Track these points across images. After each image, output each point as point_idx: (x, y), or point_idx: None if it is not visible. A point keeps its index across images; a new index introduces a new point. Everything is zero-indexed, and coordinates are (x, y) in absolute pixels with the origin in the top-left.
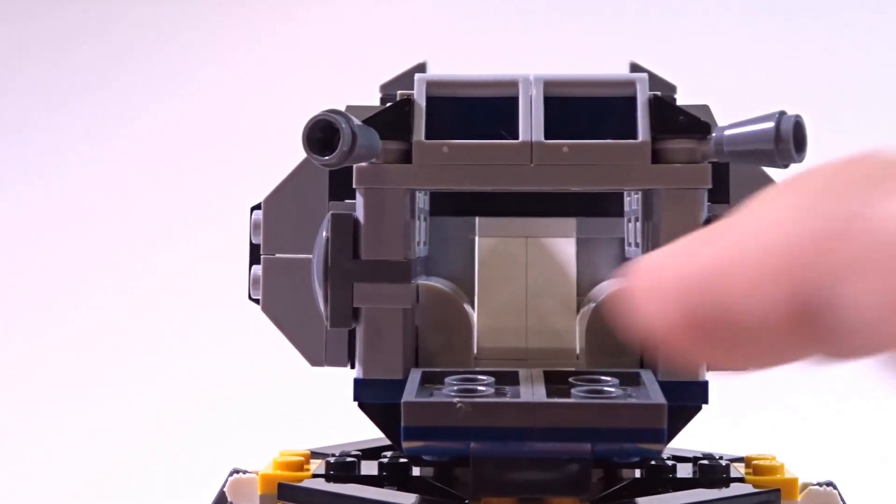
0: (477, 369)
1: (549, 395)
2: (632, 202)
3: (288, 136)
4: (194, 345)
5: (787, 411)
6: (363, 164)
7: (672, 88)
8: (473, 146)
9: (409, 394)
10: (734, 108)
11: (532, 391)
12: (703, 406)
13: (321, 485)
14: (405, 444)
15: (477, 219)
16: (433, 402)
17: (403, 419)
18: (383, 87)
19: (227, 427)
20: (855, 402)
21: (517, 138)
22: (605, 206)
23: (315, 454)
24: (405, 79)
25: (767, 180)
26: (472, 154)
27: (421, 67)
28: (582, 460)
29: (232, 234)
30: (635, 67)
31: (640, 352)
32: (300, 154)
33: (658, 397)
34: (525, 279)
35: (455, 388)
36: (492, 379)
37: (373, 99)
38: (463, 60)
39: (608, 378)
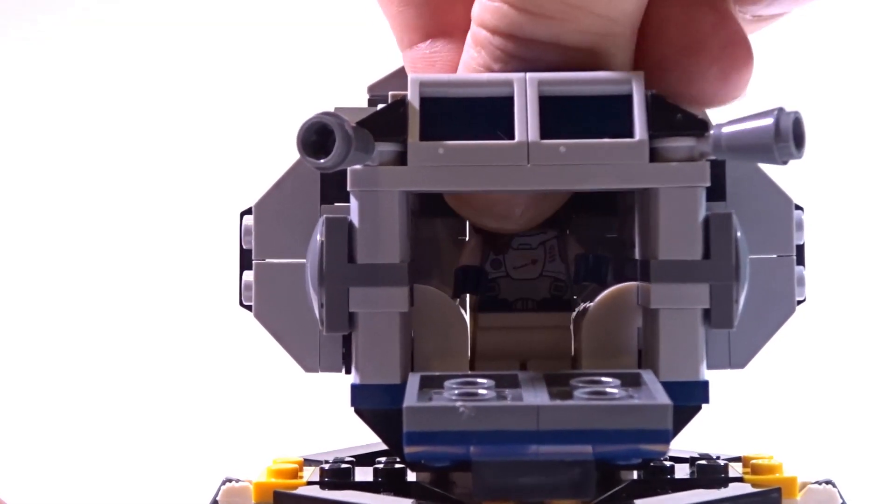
0: (476, 373)
1: (551, 397)
2: (626, 201)
3: (275, 141)
4: (183, 352)
5: (783, 410)
6: (357, 166)
7: None
8: (469, 147)
9: (411, 399)
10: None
11: (534, 394)
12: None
13: (317, 492)
14: (407, 450)
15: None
16: (435, 407)
17: (406, 424)
18: (371, 89)
19: (218, 435)
20: (852, 399)
21: (513, 138)
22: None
23: (308, 461)
24: (393, 80)
25: (763, 178)
26: (468, 155)
27: None
28: (585, 462)
29: (221, 239)
30: None
31: (638, 351)
32: (289, 158)
33: (662, 398)
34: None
35: (456, 391)
36: (492, 382)
37: (360, 101)
38: None
39: (609, 379)
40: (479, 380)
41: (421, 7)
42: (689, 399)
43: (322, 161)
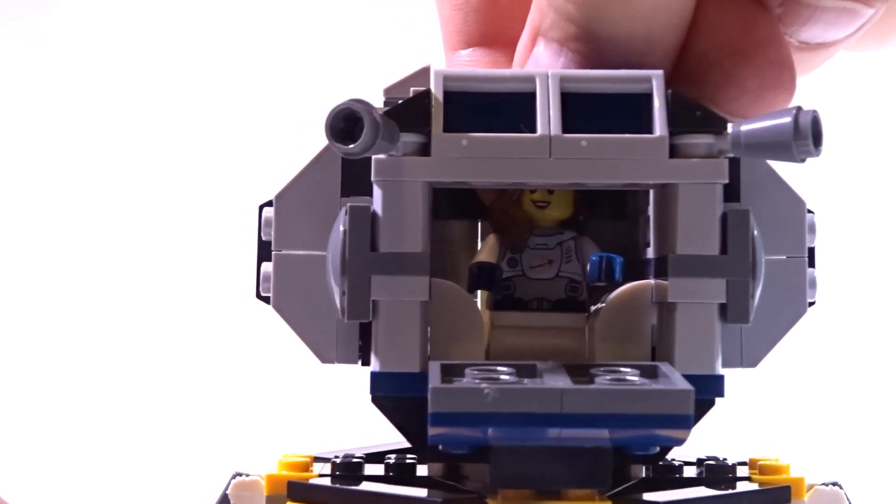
0: (496, 361)
1: (573, 383)
2: (638, 202)
3: (289, 137)
4: (194, 347)
5: (791, 412)
6: (382, 156)
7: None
8: (492, 139)
9: (435, 380)
10: None
11: (556, 379)
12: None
13: (331, 482)
14: (431, 431)
15: (480, 222)
16: (461, 388)
17: (431, 405)
18: (387, 91)
19: (227, 431)
20: (859, 401)
21: (535, 132)
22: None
23: (317, 459)
24: (409, 83)
25: (777, 180)
26: (491, 147)
27: (425, 71)
28: (602, 451)
29: (235, 233)
30: None
31: (652, 349)
32: (308, 153)
33: (683, 384)
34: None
35: (478, 376)
36: (513, 370)
37: (376, 103)
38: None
39: (628, 369)
40: (500, 367)
41: (470, 14)
42: (704, 392)
43: (350, 147)
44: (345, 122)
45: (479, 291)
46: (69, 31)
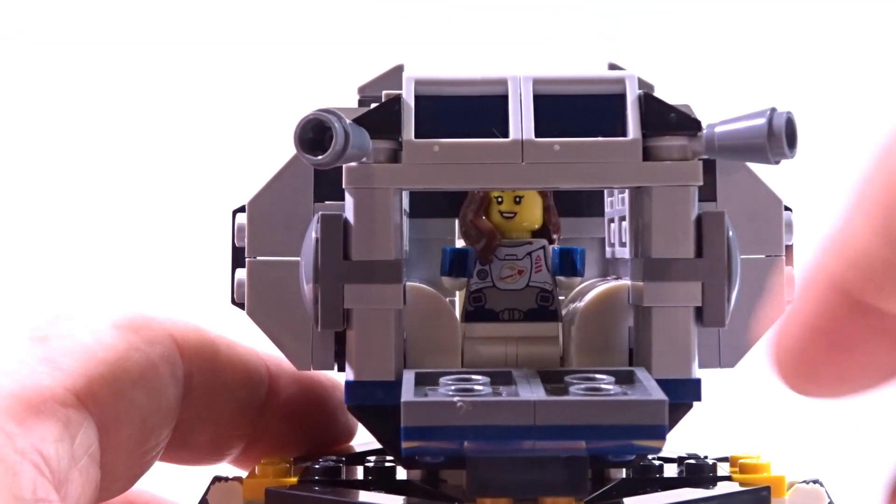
0: (471, 370)
1: (547, 393)
2: (615, 202)
3: (266, 140)
4: None
5: (770, 410)
6: (353, 164)
7: (650, 88)
8: (464, 145)
9: (408, 394)
10: (714, 108)
11: (530, 390)
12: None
13: (309, 490)
14: (405, 445)
15: (456, 221)
16: (433, 402)
17: (403, 419)
18: (361, 90)
19: None
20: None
21: (507, 137)
22: (584, 206)
23: (297, 461)
24: (383, 81)
25: (753, 179)
26: (463, 153)
27: (398, 70)
28: (579, 459)
29: (212, 237)
30: (613, 67)
31: (629, 351)
32: (282, 157)
33: (658, 393)
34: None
35: (452, 387)
36: (487, 379)
37: (351, 102)
38: (439, 63)
39: (603, 376)
40: (474, 376)
41: None
42: (681, 396)
43: (319, 158)
44: (314, 133)
45: (456, 300)
46: (69, 32)
